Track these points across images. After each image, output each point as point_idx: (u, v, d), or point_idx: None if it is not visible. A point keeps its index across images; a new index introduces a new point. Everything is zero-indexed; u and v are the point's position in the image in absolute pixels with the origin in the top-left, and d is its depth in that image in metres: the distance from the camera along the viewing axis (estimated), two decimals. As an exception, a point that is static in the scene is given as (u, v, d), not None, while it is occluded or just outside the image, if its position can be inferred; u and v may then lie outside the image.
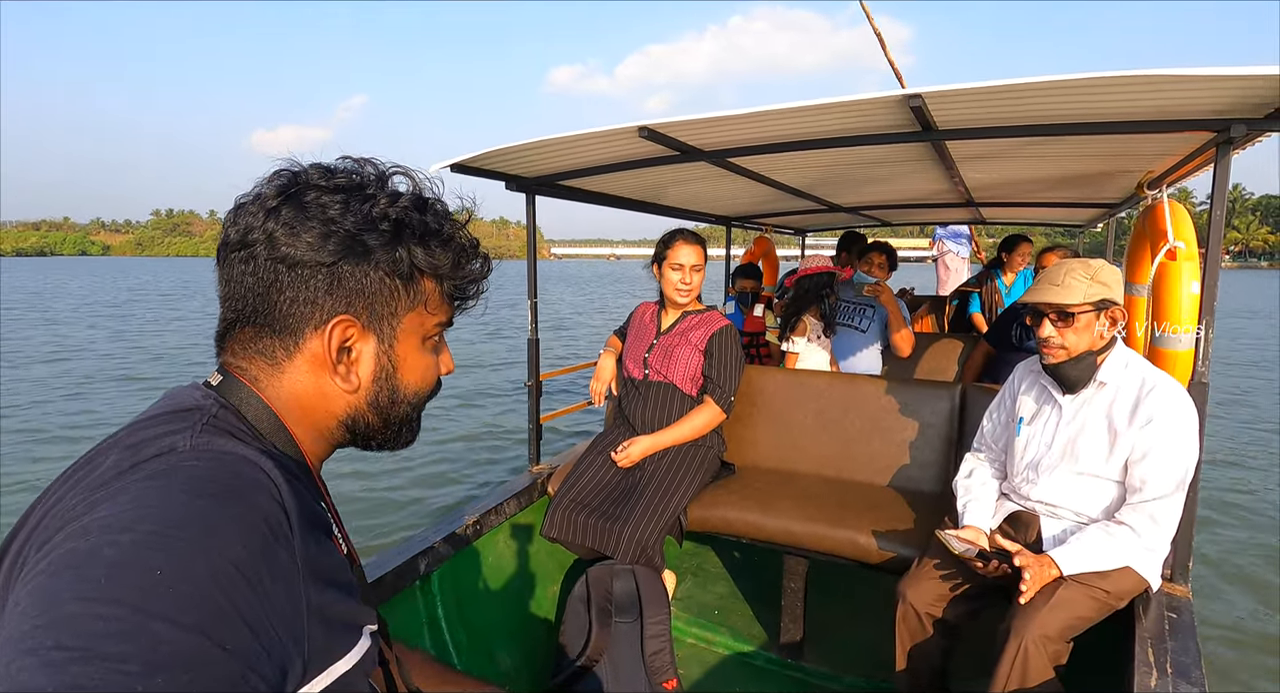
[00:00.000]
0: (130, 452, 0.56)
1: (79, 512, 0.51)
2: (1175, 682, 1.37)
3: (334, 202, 0.66)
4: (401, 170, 0.72)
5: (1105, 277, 1.64)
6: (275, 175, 0.68)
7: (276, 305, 0.65)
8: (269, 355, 0.68)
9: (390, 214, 0.67)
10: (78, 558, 0.46)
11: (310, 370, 0.68)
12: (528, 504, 2.48)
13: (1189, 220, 2.07)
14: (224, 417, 0.63)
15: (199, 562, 0.47)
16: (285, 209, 0.65)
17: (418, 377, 0.75)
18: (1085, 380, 1.69)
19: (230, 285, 0.67)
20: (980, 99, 1.70)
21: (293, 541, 0.56)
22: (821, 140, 2.11)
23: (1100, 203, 3.70)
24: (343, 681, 0.61)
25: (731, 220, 4.71)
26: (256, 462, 0.58)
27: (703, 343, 2.32)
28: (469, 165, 2.32)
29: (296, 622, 0.54)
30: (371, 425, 0.74)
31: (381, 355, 0.71)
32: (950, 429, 2.43)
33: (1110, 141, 2.12)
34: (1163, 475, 1.56)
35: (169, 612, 0.44)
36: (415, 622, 1.94)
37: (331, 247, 0.64)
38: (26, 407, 7.62)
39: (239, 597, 0.48)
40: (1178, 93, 1.57)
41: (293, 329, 0.67)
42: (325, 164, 0.70)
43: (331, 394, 0.70)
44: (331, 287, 0.66)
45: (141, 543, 0.47)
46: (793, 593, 2.32)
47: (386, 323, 0.70)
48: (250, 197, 0.67)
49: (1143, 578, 1.60)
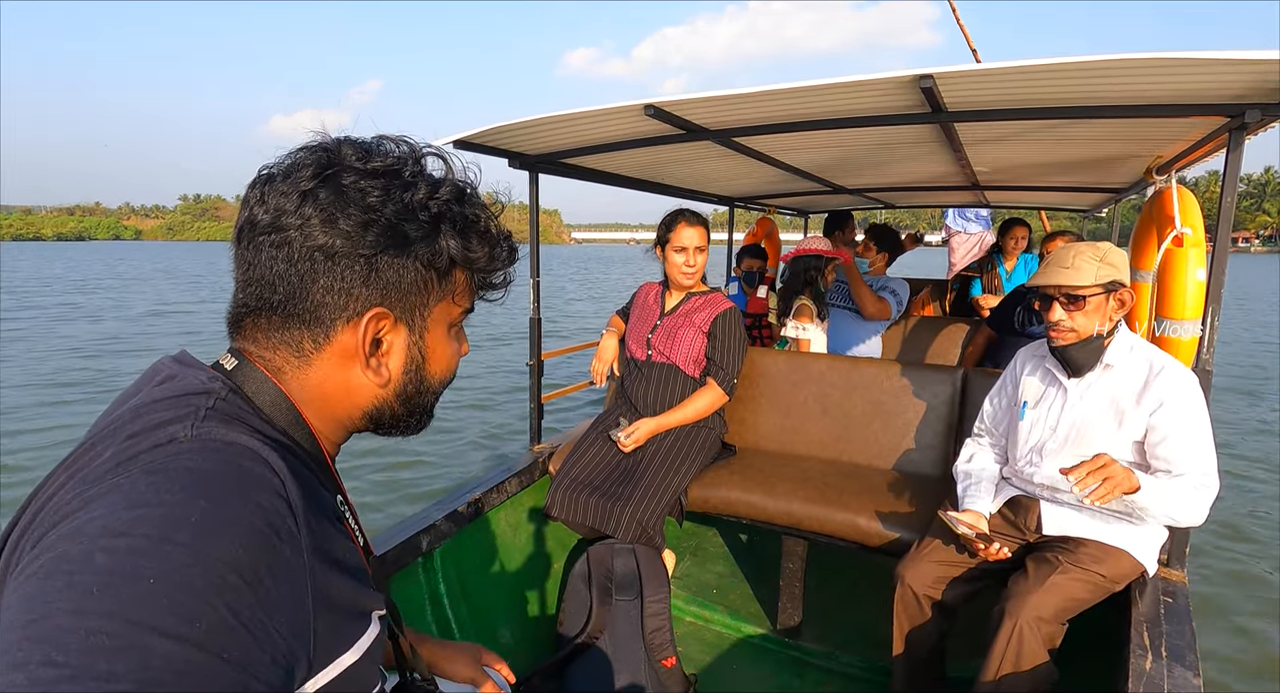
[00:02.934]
0: (129, 442, 0.54)
1: (74, 508, 0.49)
2: (1170, 665, 1.39)
3: (374, 187, 0.62)
4: (435, 152, 0.70)
5: (1114, 259, 1.64)
6: (307, 151, 0.64)
7: (310, 295, 0.62)
8: (295, 347, 0.65)
9: (431, 205, 0.65)
10: (70, 563, 0.44)
11: (339, 364, 0.66)
12: (529, 483, 2.49)
13: (1197, 206, 2.05)
14: (232, 402, 0.60)
15: (195, 569, 0.45)
16: (323, 192, 0.61)
17: (444, 365, 0.74)
18: (1092, 363, 1.69)
19: (256, 270, 0.63)
20: (992, 80, 1.68)
21: (298, 536, 0.54)
22: (828, 121, 2.09)
23: (1107, 187, 3.67)
24: (351, 670, 0.60)
25: (735, 201, 4.67)
26: (260, 454, 0.55)
27: (706, 325, 2.31)
28: (471, 142, 2.29)
29: (301, 618, 0.53)
30: (396, 414, 0.72)
31: (412, 347, 0.69)
32: (951, 413, 2.43)
33: (1121, 125, 2.10)
34: (1189, 451, 1.57)
35: (163, 624, 0.42)
36: (418, 598, 1.96)
37: (371, 237, 0.62)
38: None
39: (239, 602, 0.46)
40: (1191, 76, 1.55)
41: (324, 321, 0.64)
42: (360, 142, 0.66)
43: (358, 387, 0.68)
44: (368, 278, 0.63)
45: (136, 549, 0.45)
46: (791, 574, 2.35)
47: (418, 314, 0.68)
48: (280, 172, 0.63)
49: (1139, 562, 1.62)
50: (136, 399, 0.60)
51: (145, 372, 0.64)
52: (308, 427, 0.66)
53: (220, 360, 0.66)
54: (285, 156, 0.64)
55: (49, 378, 7.96)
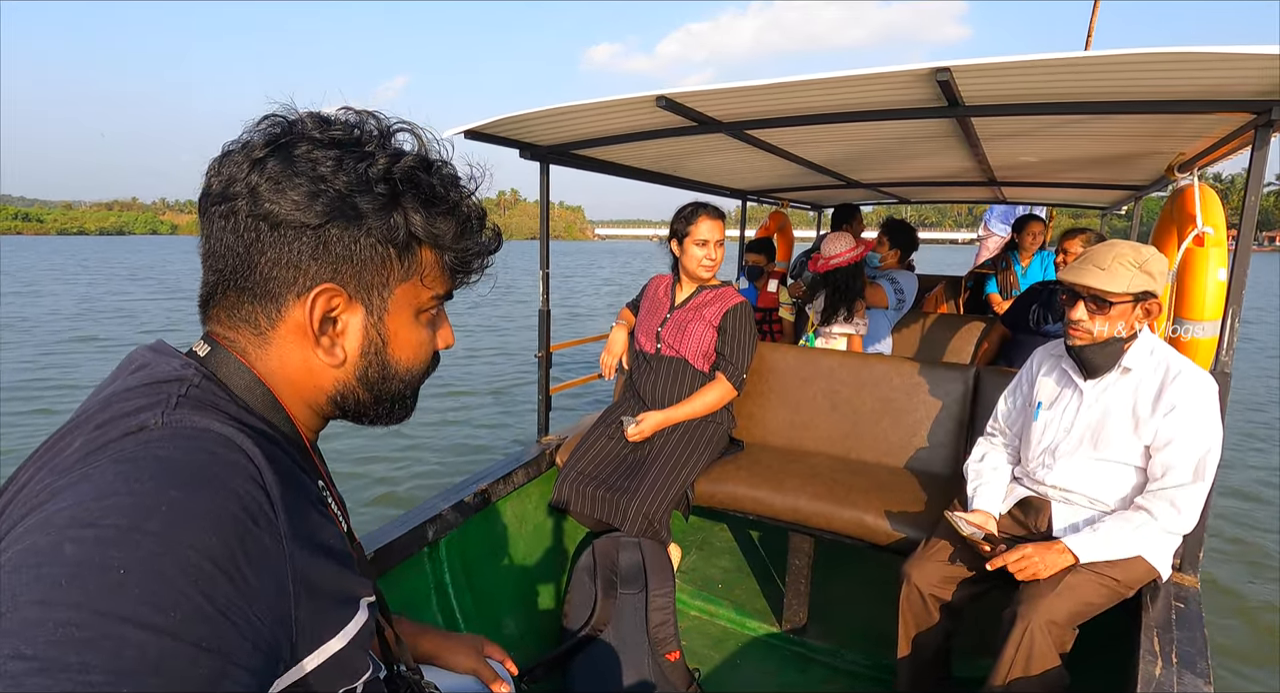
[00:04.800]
0: (99, 431, 0.52)
1: (43, 499, 0.48)
2: (1180, 672, 1.36)
3: (326, 157, 0.60)
4: (408, 127, 0.67)
5: (1154, 267, 1.56)
6: (267, 122, 0.63)
7: (257, 267, 0.60)
8: (253, 324, 0.63)
9: (388, 175, 0.62)
10: (38, 555, 0.43)
11: (295, 342, 0.64)
12: (536, 475, 2.49)
13: (1219, 205, 2.01)
14: (206, 388, 0.59)
15: (167, 558, 0.44)
16: (272, 162, 0.59)
17: (410, 352, 0.70)
18: (1109, 366, 1.65)
19: (210, 242, 0.62)
20: (1011, 74, 1.64)
21: (276, 523, 0.53)
22: (843, 114, 2.05)
23: (1126, 184, 3.61)
24: (338, 656, 0.59)
25: (747, 194, 4.64)
26: (233, 440, 0.54)
27: (717, 319, 2.29)
28: (482, 132, 2.28)
29: (282, 604, 0.52)
30: (362, 402, 0.70)
31: (370, 328, 0.66)
32: (963, 411, 2.41)
33: (1143, 121, 2.05)
34: (1186, 463, 1.54)
35: (134, 613, 0.42)
36: (423, 587, 1.96)
37: (319, 207, 0.59)
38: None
39: (214, 590, 0.46)
40: (1217, 72, 1.51)
41: (274, 294, 0.62)
42: (322, 114, 0.64)
43: (318, 368, 0.65)
44: (316, 251, 0.60)
45: (105, 539, 0.44)
46: (797, 570, 2.33)
47: (376, 293, 0.65)
48: (238, 144, 0.62)
49: (1153, 567, 1.59)
50: (110, 389, 0.59)
51: (121, 362, 0.63)
52: (284, 411, 0.65)
53: (194, 347, 0.65)
54: (249, 128, 0.63)
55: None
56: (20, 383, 7.29)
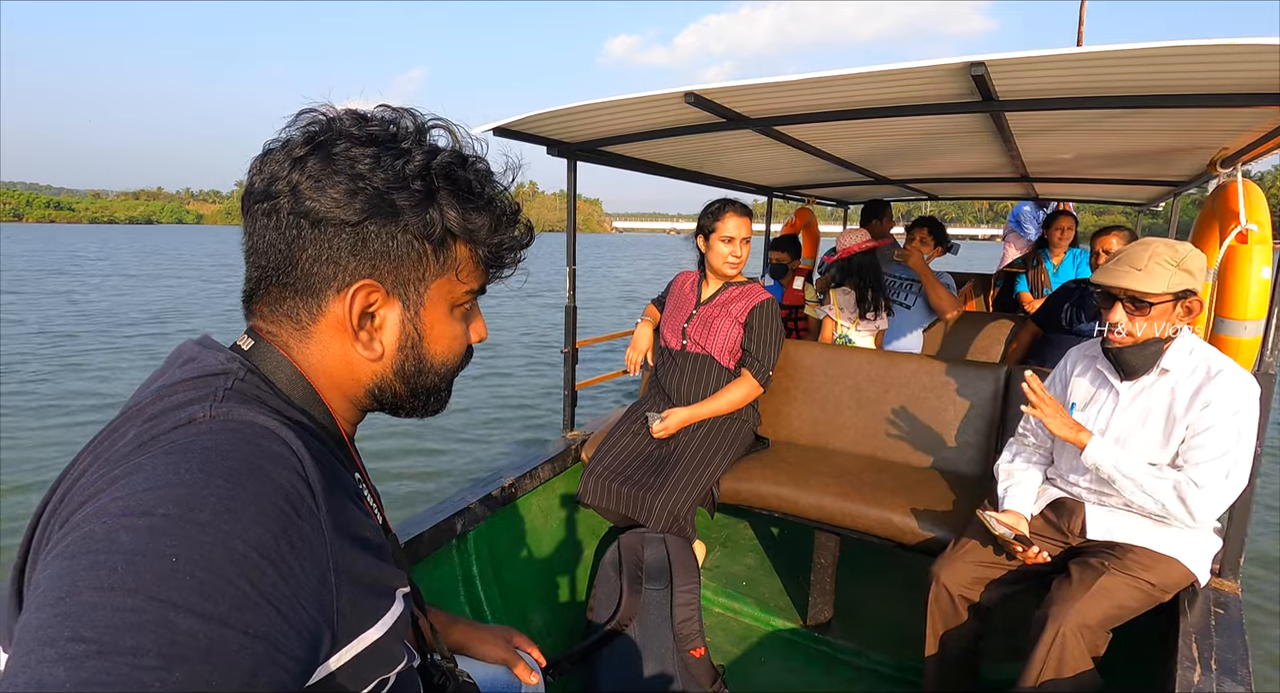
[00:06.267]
0: (150, 423, 0.55)
1: (98, 488, 0.50)
2: (1220, 679, 1.33)
3: (364, 155, 0.61)
4: (442, 124, 0.68)
5: (1191, 264, 1.52)
6: (305, 120, 0.64)
7: (298, 264, 0.62)
8: (295, 319, 0.65)
9: (424, 172, 0.63)
10: (95, 543, 0.45)
11: (335, 337, 0.65)
12: (562, 470, 2.51)
13: (1264, 201, 1.95)
14: (250, 382, 0.61)
15: (217, 547, 0.46)
16: (312, 160, 0.61)
17: (445, 346, 0.71)
18: (1148, 367, 1.61)
19: (253, 239, 0.63)
20: (1047, 68, 1.61)
21: (318, 514, 0.54)
22: (873, 110, 2.03)
23: (1165, 180, 3.52)
24: (376, 645, 0.61)
25: (773, 190, 4.61)
26: (278, 433, 0.56)
27: (743, 316, 2.29)
28: (511, 129, 2.30)
29: (325, 595, 0.54)
30: (398, 394, 0.71)
31: (407, 323, 0.67)
32: (993, 411, 2.37)
33: (1185, 115, 2.00)
34: (1216, 447, 1.49)
35: (186, 601, 0.43)
36: (451, 579, 1.99)
37: (358, 205, 0.61)
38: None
39: (261, 579, 0.47)
40: (1263, 64, 1.47)
41: (315, 290, 0.63)
42: (360, 111, 0.66)
43: (356, 362, 0.67)
44: (356, 248, 0.62)
45: (158, 529, 0.45)
46: (822, 569, 2.32)
47: (413, 289, 0.66)
48: (278, 142, 0.64)
49: (1190, 571, 1.55)
50: (160, 382, 0.61)
51: (170, 355, 0.66)
52: (324, 405, 0.67)
53: (238, 342, 0.67)
54: (288, 125, 0.64)
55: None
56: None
